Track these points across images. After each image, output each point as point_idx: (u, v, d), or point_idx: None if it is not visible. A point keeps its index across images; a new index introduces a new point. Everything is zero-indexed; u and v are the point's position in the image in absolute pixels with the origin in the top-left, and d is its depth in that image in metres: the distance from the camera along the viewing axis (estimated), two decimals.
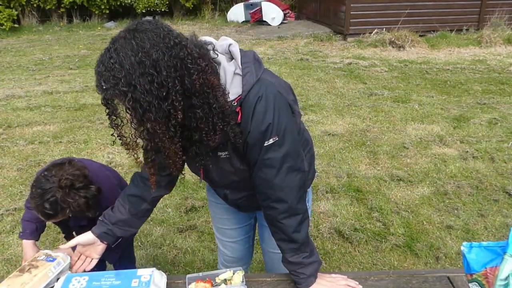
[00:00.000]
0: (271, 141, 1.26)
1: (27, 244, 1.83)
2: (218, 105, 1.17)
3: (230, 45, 1.30)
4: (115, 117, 1.15)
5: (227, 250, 1.84)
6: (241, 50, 1.31)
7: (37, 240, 1.88)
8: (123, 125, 1.16)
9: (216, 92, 1.17)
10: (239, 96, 1.23)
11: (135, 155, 1.23)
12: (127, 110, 1.10)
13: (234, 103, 1.23)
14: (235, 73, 1.25)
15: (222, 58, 1.27)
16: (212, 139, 1.22)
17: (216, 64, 1.24)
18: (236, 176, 1.42)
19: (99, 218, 1.58)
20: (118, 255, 1.92)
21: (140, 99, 1.07)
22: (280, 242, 1.40)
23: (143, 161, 1.30)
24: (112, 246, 1.98)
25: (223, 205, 1.70)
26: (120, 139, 1.19)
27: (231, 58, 1.29)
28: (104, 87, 1.08)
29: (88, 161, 1.92)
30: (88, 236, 1.53)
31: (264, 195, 1.35)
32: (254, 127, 1.24)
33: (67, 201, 1.56)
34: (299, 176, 1.34)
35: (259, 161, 1.30)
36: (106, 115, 1.16)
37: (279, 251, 1.43)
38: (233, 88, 1.23)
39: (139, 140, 1.18)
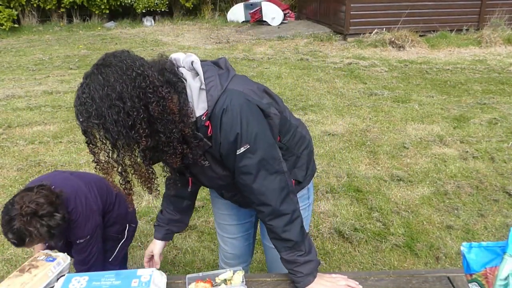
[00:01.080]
0: (242, 149, 1.31)
1: None
2: (177, 130, 1.25)
3: (192, 62, 1.35)
4: (93, 145, 1.24)
5: (227, 246, 1.86)
6: (205, 64, 1.36)
7: None
8: (99, 152, 1.25)
9: (175, 118, 1.24)
10: (206, 111, 1.29)
11: (111, 179, 1.31)
12: (101, 139, 1.21)
13: (202, 117, 1.29)
14: (200, 89, 1.30)
15: (188, 75, 1.33)
16: (174, 162, 1.30)
17: (184, 81, 1.31)
18: (222, 180, 1.47)
19: (155, 224, 1.73)
20: (118, 268, 1.93)
21: (110, 129, 1.16)
22: (273, 241, 1.43)
23: (119, 183, 1.35)
24: (110, 260, 1.99)
25: (224, 201, 1.71)
26: (97, 165, 1.27)
27: (197, 74, 1.34)
28: (80, 120, 1.18)
29: (72, 181, 1.87)
30: (159, 245, 1.72)
31: (249, 199, 1.40)
32: (223, 139, 1.30)
33: (28, 229, 1.57)
34: (278, 178, 1.36)
35: (236, 169, 1.36)
36: (85, 143, 1.25)
37: None
38: (200, 103, 1.29)
39: (115, 165, 1.26)
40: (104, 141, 1.21)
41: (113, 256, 2.04)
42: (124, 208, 2.10)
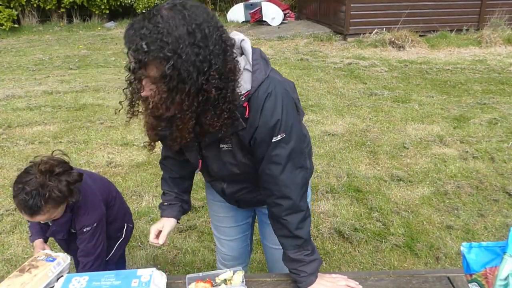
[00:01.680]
0: (278, 137, 1.28)
1: (36, 243, 1.86)
2: (232, 95, 1.19)
3: (242, 40, 1.31)
4: (137, 82, 1.11)
5: (224, 248, 1.85)
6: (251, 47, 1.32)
7: (45, 239, 1.89)
8: (140, 92, 1.14)
9: (235, 83, 1.20)
10: (247, 91, 1.24)
11: (129, 119, 1.24)
12: (162, 77, 1.08)
13: (242, 98, 1.24)
14: (244, 69, 1.26)
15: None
16: (212, 125, 1.22)
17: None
18: (238, 168, 1.42)
19: (164, 204, 1.66)
20: (114, 268, 1.92)
21: (181, 69, 1.07)
22: (283, 239, 1.42)
23: (148, 127, 1.27)
24: (107, 259, 1.98)
25: (221, 203, 1.71)
26: (131, 106, 1.18)
27: (242, 53, 1.30)
28: (145, 50, 1.05)
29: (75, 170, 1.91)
30: (171, 223, 1.62)
31: (269, 191, 1.38)
32: (262, 123, 1.26)
33: (48, 185, 1.55)
34: (302, 173, 1.36)
35: (266, 157, 1.32)
36: (128, 80, 1.12)
37: (281, 247, 1.44)
38: (243, 83, 1.24)
39: (161, 106, 1.14)
40: (165, 80, 1.08)
41: (110, 254, 2.03)
42: (123, 207, 2.13)
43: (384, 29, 8.64)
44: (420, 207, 3.24)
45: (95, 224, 1.80)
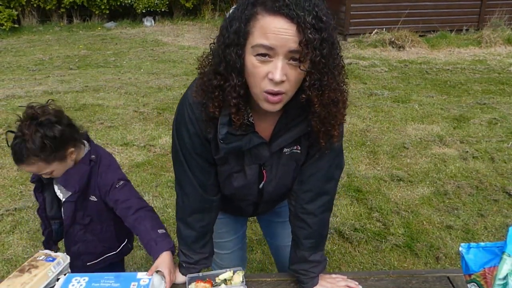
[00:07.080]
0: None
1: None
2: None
3: None
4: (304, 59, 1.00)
5: (223, 262, 1.73)
6: None
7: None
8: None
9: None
10: None
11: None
12: (322, 57, 1.02)
13: None
14: None
15: None
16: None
17: None
18: (294, 177, 1.32)
19: (183, 265, 1.45)
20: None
21: (327, 54, 1.05)
22: (306, 240, 1.37)
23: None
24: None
25: (222, 219, 1.60)
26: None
27: None
28: (322, 26, 0.99)
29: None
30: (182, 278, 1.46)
31: (312, 185, 1.30)
32: None
33: (23, 132, 1.45)
34: (341, 169, 1.36)
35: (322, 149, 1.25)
36: (302, 55, 1.00)
37: None
38: None
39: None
40: (324, 61, 1.04)
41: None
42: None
43: (384, 29, 8.64)
44: (420, 207, 3.24)
45: (125, 180, 1.61)
